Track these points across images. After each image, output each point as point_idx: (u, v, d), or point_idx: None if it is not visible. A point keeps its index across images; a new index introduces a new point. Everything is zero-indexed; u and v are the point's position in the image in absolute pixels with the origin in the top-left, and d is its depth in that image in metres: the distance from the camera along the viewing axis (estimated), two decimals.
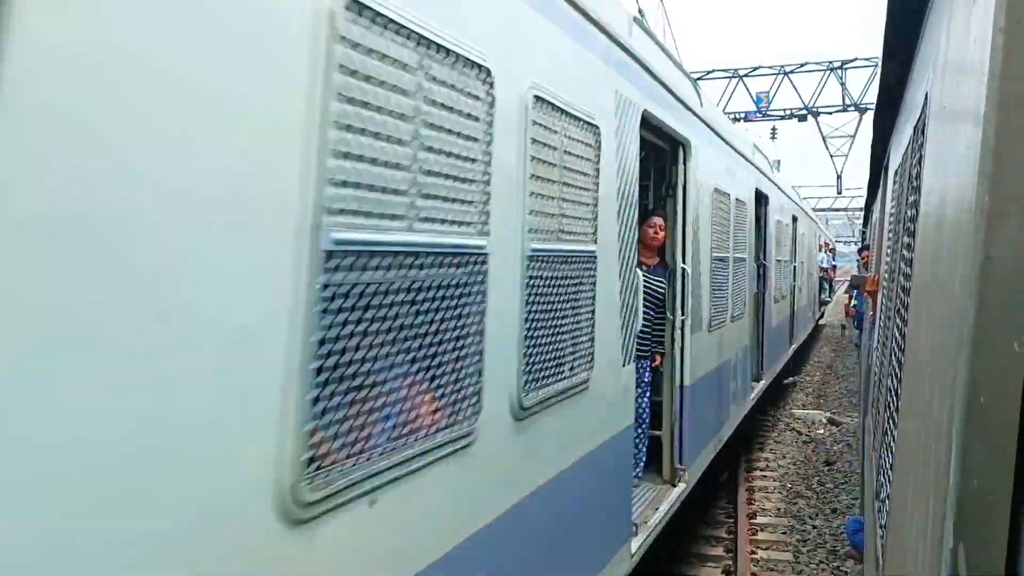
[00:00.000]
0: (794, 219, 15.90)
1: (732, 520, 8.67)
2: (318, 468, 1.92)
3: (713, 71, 30.12)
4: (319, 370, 1.92)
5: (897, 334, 2.96)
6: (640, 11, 10.20)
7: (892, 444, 2.72)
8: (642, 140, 4.97)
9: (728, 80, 29.80)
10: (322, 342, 1.93)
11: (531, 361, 3.23)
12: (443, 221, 2.51)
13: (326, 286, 1.94)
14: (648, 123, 5.07)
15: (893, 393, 2.86)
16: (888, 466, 2.79)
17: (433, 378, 2.52)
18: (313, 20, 1.90)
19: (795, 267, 16.05)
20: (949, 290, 1.49)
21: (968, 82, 1.45)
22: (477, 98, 2.70)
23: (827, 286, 30.29)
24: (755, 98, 29.95)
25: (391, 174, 2.20)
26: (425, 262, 2.40)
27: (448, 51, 2.49)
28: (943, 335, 1.54)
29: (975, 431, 1.18)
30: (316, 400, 1.92)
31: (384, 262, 2.19)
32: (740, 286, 8.86)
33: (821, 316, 29.04)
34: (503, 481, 3.08)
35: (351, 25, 2.02)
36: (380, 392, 2.20)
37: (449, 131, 2.53)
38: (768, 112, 30.19)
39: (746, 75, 29.85)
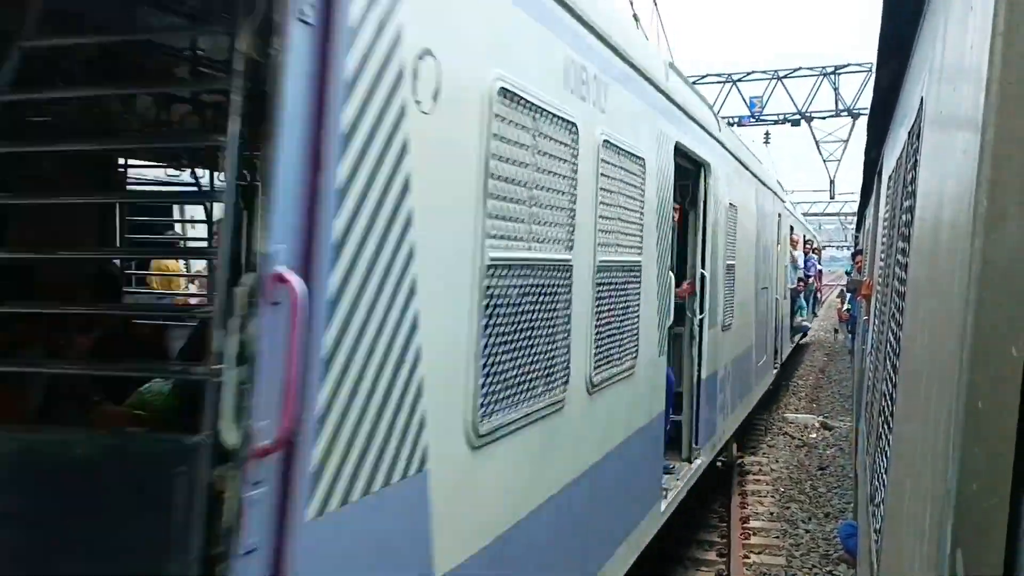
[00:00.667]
0: (732, 207, 8.91)
1: (725, 524, 8.67)
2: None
3: (707, 75, 30.17)
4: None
5: (892, 338, 2.96)
6: (635, 16, 10.23)
7: (887, 448, 2.72)
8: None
9: (722, 84, 29.86)
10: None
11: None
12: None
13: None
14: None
15: (888, 398, 2.87)
16: (883, 470, 2.79)
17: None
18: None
19: (729, 285, 8.85)
20: (946, 294, 1.49)
21: (965, 87, 1.45)
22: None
23: (807, 303, 21.90)
24: (748, 103, 30.02)
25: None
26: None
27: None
28: (940, 340, 1.54)
29: (973, 436, 1.18)
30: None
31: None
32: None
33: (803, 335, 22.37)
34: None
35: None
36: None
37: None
38: (761, 117, 30.26)
39: (740, 80, 29.92)
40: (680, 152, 6.02)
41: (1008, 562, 1.16)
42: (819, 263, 28.21)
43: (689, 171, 6.95)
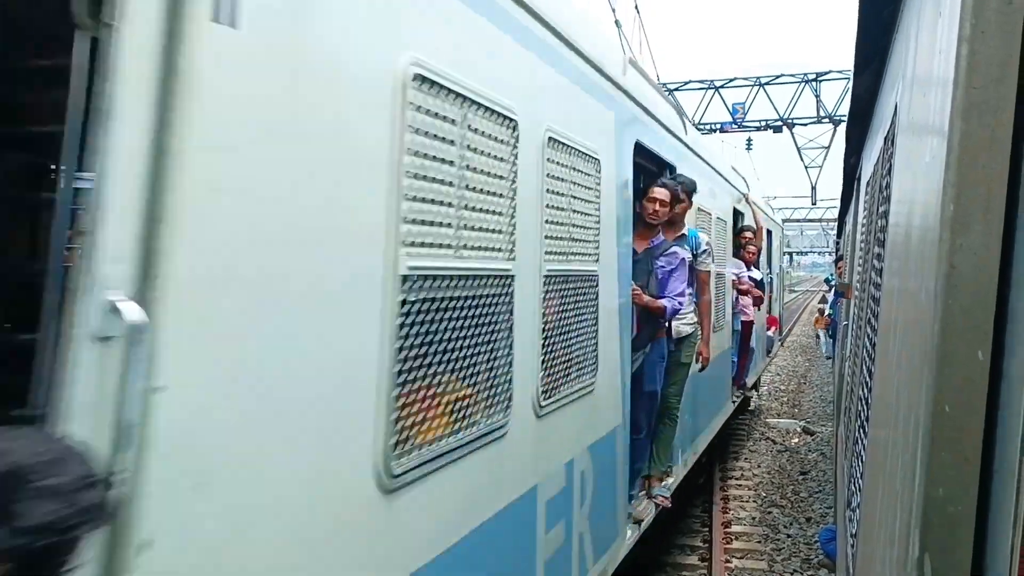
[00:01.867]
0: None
1: (707, 529, 8.69)
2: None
3: (690, 82, 30.36)
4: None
5: (868, 343, 2.98)
6: (617, 22, 10.27)
7: (862, 453, 2.73)
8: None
9: (704, 91, 30.05)
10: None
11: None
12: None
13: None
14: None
15: (864, 403, 2.88)
16: (859, 475, 2.80)
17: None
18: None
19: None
20: (916, 299, 1.50)
21: (934, 92, 1.46)
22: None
23: (759, 345, 13.18)
24: (731, 109, 30.22)
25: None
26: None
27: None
28: (910, 344, 1.54)
29: (940, 441, 1.18)
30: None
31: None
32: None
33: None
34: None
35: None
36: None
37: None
38: (744, 123, 30.47)
39: (722, 86, 30.11)
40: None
41: (976, 566, 1.17)
42: (769, 266, 14.96)
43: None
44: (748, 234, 10.71)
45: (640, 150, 5.53)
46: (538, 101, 3.54)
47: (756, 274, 10.65)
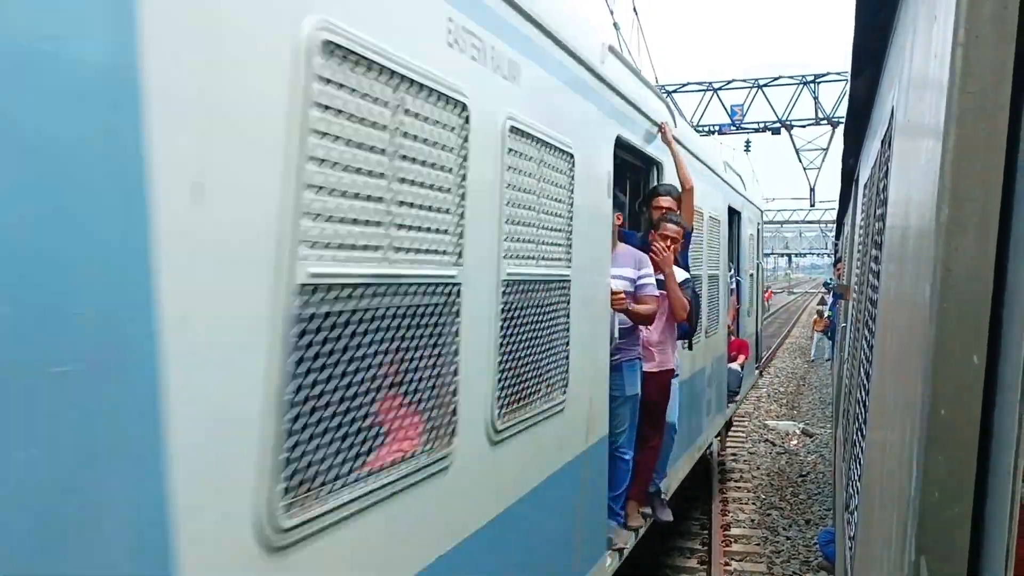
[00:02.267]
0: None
1: (706, 531, 8.69)
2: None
3: (688, 84, 30.43)
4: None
5: (865, 346, 2.98)
6: (615, 24, 10.30)
7: (860, 456, 2.74)
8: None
9: (703, 93, 30.12)
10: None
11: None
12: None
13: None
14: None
15: (861, 405, 2.88)
16: (856, 478, 2.80)
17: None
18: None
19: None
20: (912, 302, 1.50)
21: (929, 96, 1.47)
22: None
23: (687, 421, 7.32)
24: (729, 111, 30.29)
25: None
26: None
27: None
28: (906, 348, 1.55)
29: (936, 444, 1.18)
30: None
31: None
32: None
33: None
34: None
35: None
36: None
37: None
38: (742, 125, 30.53)
39: (720, 88, 30.18)
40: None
41: (972, 568, 1.17)
42: (737, 265, 10.81)
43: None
44: (665, 202, 5.78)
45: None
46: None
47: (680, 274, 5.74)
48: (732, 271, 9.94)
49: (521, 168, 3.36)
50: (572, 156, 4.01)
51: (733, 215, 6.38)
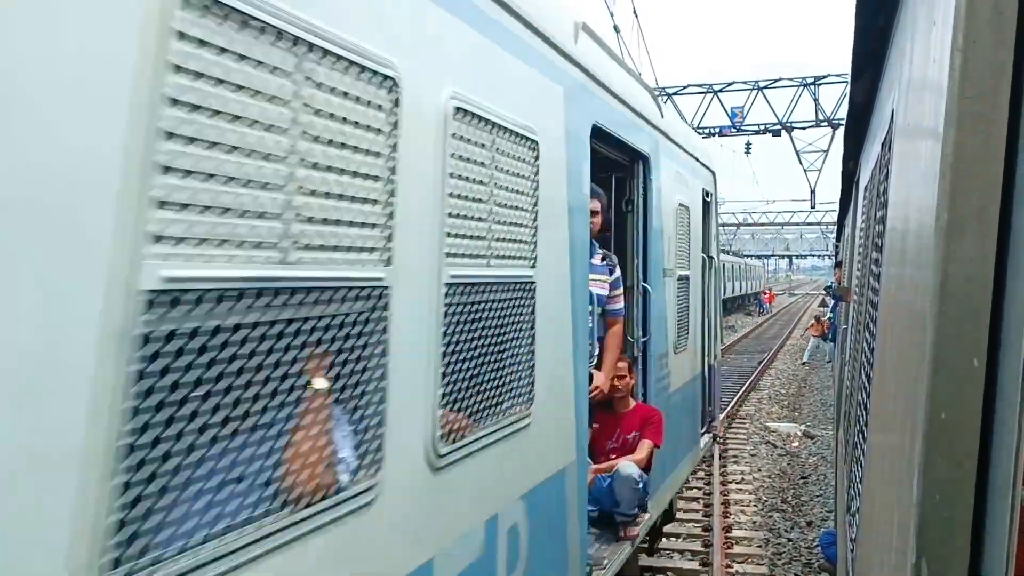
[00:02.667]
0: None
1: (708, 533, 8.69)
2: None
3: (688, 86, 30.47)
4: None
5: (866, 348, 2.99)
6: (616, 27, 10.30)
7: (862, 458, 2.74)
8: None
9: (703, 95, 30.15)
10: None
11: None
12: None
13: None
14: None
15: (863, 407, 2.89)
16: (858, 480, 2.81)
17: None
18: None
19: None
20: (912, 305, 1.51)
21: (928, 100, 1.47)
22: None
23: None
24: (730, 113, 30.32)
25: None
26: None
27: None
28: (907, 350, 1.55)
29: (936, 446, 1.19)
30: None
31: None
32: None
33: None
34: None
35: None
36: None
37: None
38: (743, 127, 30.56)
39: (721, 90, 30.23)
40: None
41: (972, 570, 1.17)
42: (643, 266, 6.23)
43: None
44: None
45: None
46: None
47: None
48: (609, 263, 5.49)
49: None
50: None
51: (639, 158, 5.67)
